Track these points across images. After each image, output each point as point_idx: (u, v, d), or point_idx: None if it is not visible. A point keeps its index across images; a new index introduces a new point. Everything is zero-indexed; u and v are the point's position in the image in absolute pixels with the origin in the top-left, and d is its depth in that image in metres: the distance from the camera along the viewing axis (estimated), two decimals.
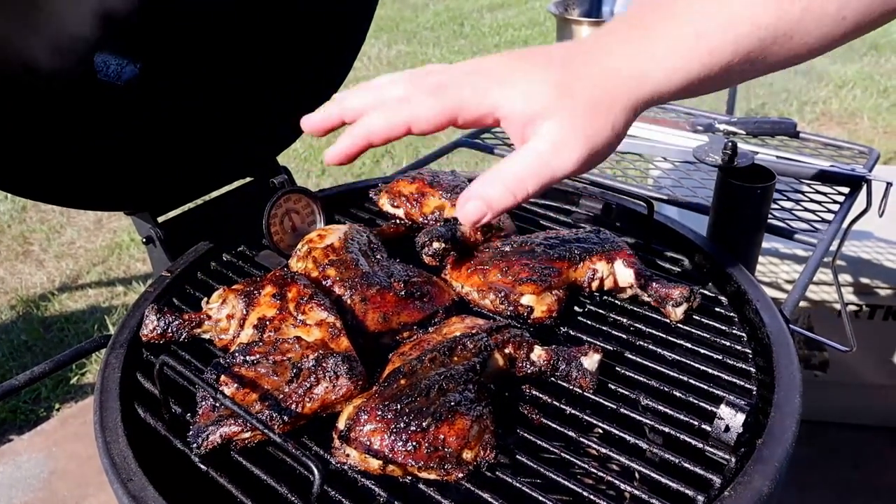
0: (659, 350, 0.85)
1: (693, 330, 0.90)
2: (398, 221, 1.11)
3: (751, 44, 0.56)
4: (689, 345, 0.87)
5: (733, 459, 0.69)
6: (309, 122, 0.64)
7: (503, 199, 0.57)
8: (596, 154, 0.58)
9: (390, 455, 0.65)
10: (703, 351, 0.86)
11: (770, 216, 1.12)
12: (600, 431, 0.75)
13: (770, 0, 0.55)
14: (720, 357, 0.84)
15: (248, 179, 1.19)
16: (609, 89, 0.57)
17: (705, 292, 0.97)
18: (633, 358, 0.84)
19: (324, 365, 0.73)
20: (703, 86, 0.59)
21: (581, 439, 0.73)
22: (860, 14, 0.55)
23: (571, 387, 0.79)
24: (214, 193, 1.15)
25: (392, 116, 0.59)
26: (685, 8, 0.57)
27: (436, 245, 0.93)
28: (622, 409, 0.76)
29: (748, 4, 0.55)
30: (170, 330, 0.86)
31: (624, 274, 0.93)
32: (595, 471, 0.70)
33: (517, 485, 0.67)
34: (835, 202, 1.32)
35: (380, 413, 0.67)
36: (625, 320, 0.91)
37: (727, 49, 0.56)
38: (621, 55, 0.57)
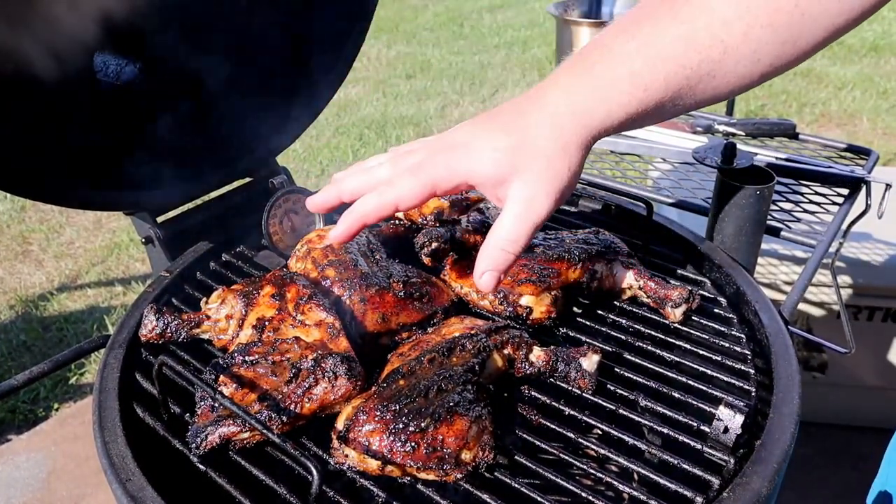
0: (658, 351, 0.85)
1: (692, 331, 0.90)
2: (397, 222, 1.11)
3: (679, 82, 0.63)
4: (687, 346, 0.87)
5: (732, 460, 0.69)
6: (313, 202, 0.75)
7: (507, 261, 0.68)
8: (562, 193, 0.66)
9: (389, 455, 0.65)
10: (701, 352, 0.86)
11: (769, 217, 1.12)
12: (599, 432, 0.75)
13: (693, 46, 0.62)
14: (719, 358, 0.84)
15: (247, 180, 1.19)
16: (560, 137, 0.64)
17: (704, 293, 0.97)
18: (632, 359, 0.84)
19: (323, 365, 0.73)
20: (640, 119, 0.65)
21: (580, 440, 0.73)
22: (773, 56, 0.63)
23: (570, 387, 0.79)
24: (214, 193, 1.15)
25: (382, 200, 0.69)
26: (619, 51, 0.64)
27: (435, 245, 0.93)
28: (621, 410, 0.76)
29: (675, 47, 0.62)
30: (169, 330, 0.86)
31: (623, 275, 0.93)
32: (594, 472, 0.70)
33: (516, 485, 0.67)
34: (834, 203, 1.32)
35: (378, 413, 0.67)
36: (624, 321, 0.91)
37: (659, 87, 0.63)
38: (567, 101, 0.65)
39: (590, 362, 0.78)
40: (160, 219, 1.07)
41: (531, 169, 0.64)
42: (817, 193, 1.36)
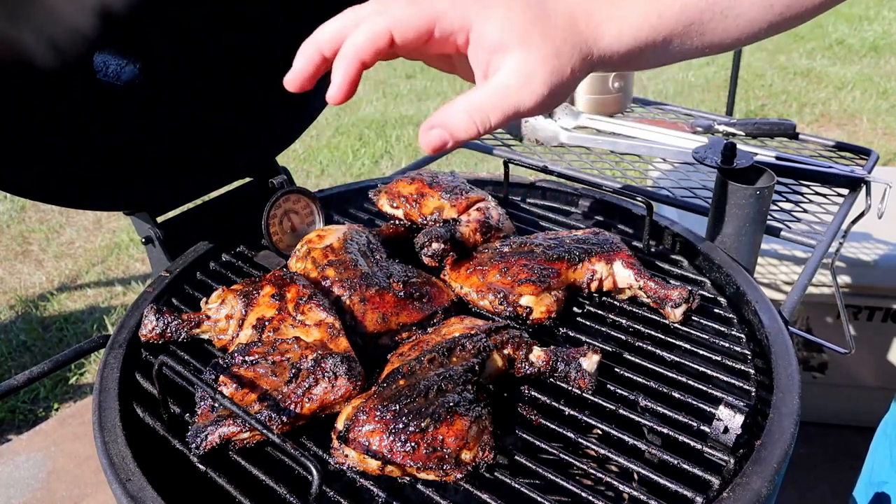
0: (658, 351, 0.85)
1: (692, 331, 0.90)
2: (397, 222, 1.11)
3: (692, 16, 0.61)
4: (687, 346, 0.87)
5: (732, 460, 0.69)
6: (291, 77, 0.61)
7: (466, 128, 0.58)
8: (556, 95, 0.59)
9: (389, 455, 0.65)
10: (701, 352, 0.86)
11: (769, 217, 1.12)
12: (599, 432, 0.75)
13: None
14: (719, 358, 0.84)
15: (247, 179, 1.19)
16: (573, 34, 0.59)
17: (704, 293, 0.97)
18: (632, 359, 0.84)
19: (323, 365, 0.73)
20: (645, 52, 0.62)
21: (580, 440, 0.73)
22: (784, 4, 0.62)
23: (570, 388, 0.79)
24: (214, 193, 1.15)
25: (373, 27, 0.57)
26: None
27: (435, 246, 0.93)
28: (621, 410, 0.76)
29: None
30: (168, 330, 0.86)
31: (623, 275, 0.93)
32: (594, 472, 0.70)
33: (516, 485, 0.67)
34: (834, 203, 1.32)
35: (378, 413, 0.67)
36: (624, 321, 0.91)
37: (673, 15, 0.61)
38: (584, 8, 0.60)
39: (590, 362, 0.78)
40: (160, 219, 1.07)
41: (539, 49, 0.57)
42: (817, 193, 1.36)
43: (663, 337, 0.88)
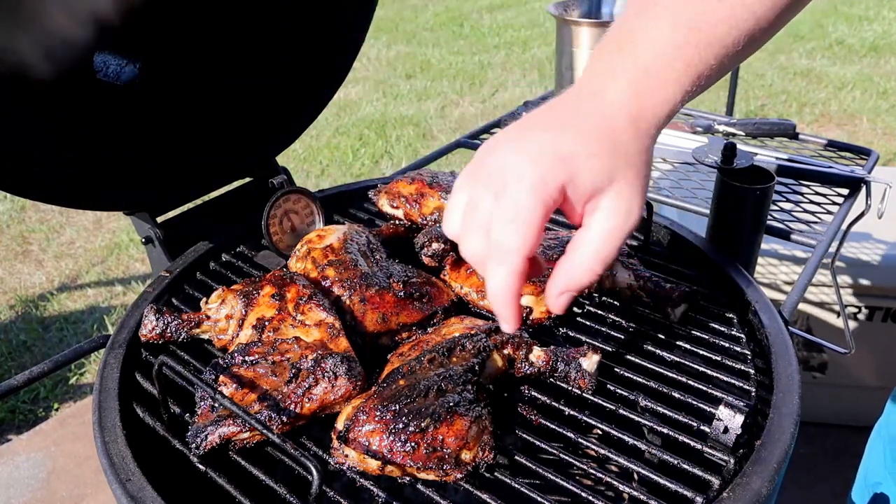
0: (658, 351, 0.85)
1: (692, 331, 0.90)
2: (397, 222, 1.11)
3: (722, 62, 0.61)
4: (687, 346, 0.87)
5: (732, 460, 0.69)
6: (510, 323, 0.65)
7: (591, 281, 0.61)
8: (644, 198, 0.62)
9: (389, 455, 0.65)
10: (701, 352, 0.86)
11: (769, 217, 1.12)
12: (599, 432, 0.75)
13: (733, 24, 0.60)
14: (719, 358, 0.84)
15: (247, 179, 1.19)
16: (638, 140, 0.60)
17: (704, 293, 0.97)
18: (632, 359, 0.84)
19: (322, 365, 0.73)
20: (684, 102, 0.63)
21: (580, 440, 0.73)
22: (785, 21, 0.63)
23: (570, 388, 0.79)
24: (214, 193, 1.15)
25: (509, 274, 0.59)
26: (669, 43, 0.60)
27: (435, 246, 0.93)
28: (621, 410, 0.76)
29: (720, 29, 0.60)
30: (168, 330, 0.86)
31: (623, 275, 0.93)
32: (594, 472, 0.70)
33: (516, 485, 0.67)
34: (834, 203, 1.32)
35: (378, 413, 0.67)
36: (624, 321, 0.91)
37: (712, 72, 0.61)
38: (637, 103, 0.60)
39: (590, 362, 0.78)
40: (160, 219, 1.07)
41: (626, 177, 0.59)
42: (817, 193, 1.36)
43: (663, 337, 0.88)
